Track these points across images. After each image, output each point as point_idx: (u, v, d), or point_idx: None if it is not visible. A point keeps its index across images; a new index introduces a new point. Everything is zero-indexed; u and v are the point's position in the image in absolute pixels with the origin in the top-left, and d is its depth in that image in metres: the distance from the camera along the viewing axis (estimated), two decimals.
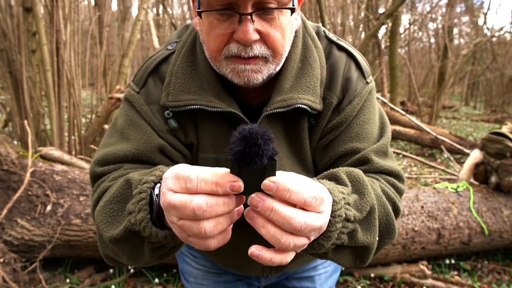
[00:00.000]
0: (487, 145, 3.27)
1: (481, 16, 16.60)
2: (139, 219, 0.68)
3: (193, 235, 0.60)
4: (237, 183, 0.57)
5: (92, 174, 0.92)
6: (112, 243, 0.74)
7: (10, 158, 2.64)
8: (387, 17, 7.40)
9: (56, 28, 3.71)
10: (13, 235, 2.53)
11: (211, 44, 0.82)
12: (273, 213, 0.58)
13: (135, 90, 0.95)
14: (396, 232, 0.86)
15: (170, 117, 0.91)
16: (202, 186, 0.56)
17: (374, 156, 0.92)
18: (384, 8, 11.91)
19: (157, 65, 0.96)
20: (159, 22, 15.83)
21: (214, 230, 0.58)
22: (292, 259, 1.09)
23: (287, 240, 0.60)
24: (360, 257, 0.80)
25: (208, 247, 0.61)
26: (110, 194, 0.78)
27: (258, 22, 0.78)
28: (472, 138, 8.87)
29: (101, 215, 0.78)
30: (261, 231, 0.60)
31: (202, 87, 0.90)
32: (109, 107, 4.08)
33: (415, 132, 7.24)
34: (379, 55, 11.48)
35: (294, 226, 0.58)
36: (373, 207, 0.77)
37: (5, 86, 4.37)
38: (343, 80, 0.94)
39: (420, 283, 2.85)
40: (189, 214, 0.56)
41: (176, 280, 2.80)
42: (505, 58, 17.03)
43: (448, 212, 3.01)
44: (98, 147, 0.98)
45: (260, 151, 0.55)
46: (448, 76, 11.22)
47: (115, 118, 0.99)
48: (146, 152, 0.90)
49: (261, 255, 0.61)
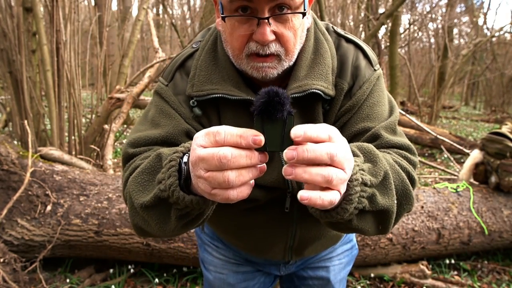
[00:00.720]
0: (487, 145, 3.27)
1: (481, 16, 16.60)
2: (168, 183, 0.76)
3: (217, 185, 0.65)
4: (259, 137, 0.63)
5: (124, 155, 1.02)
6: (143, 210, 0.82)
7: (10, 158, 2.64)
8: (387, 17, 7.40)
9: (56, 28, 3.71)
10: (13, 235, 2.53)
11: (234, 43, 0.94)
12: (309, 151, 0.62)
13: (164, 84, 1.07)
14: (414, 198, 0.91)
15: (195, 105, 1.02)
16: (228, 138, 0.63)
17: (383, 132, 1.00)
18: (384, 8, 11.91)
19: (184, 61, 1.09)
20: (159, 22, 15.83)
21: (236, 180, 0.64)
22: (312, 240, 1.20)
23: (329, 172, 0.63)
24: (382, 222, 0.85)
25: (229, 197, 0.66)
26: (142, 166, 0.87)
27: (274, 24, 0.89)
28: (472, 138, 8.87)
29: (133, 185, 0.86)
30: (303, 178, 0.63)
31: (223, 78, 1.01)
32: (109, 107, 4.08)
33: (415, 132, 7.24)
34: (379, 55, 11.47)
35: (330, 154, 0.63)
36: (387, 172, 0.82)
37: (5, 86, 4.37)
38: (353, 68, 1.04)
39: (420, 283, 2.86)
40: (216, 164, 0.63)
41: (176, 280, 2.80)
42: (505, 58, 17.04)
43: (448, 212, 3.01)
44: (130, 133, 1.09)
45: (281, 101, 0.62)
46: (448, 76, 11.22)
47: (146, 109, 1.11)
48: (175, 135, 0.99)
49: (310, 196, 0.64)
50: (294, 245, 1.18)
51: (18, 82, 3.89)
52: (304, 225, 1.14)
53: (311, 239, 1.19)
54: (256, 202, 1.05)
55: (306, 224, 1.14)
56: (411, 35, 15.44)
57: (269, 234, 1.18)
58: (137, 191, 0.85)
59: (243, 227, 1.18)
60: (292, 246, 1.19)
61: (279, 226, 1.14)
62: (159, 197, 0.79)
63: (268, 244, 1.20)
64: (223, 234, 1.31)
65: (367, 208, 0.79)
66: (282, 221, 1.13)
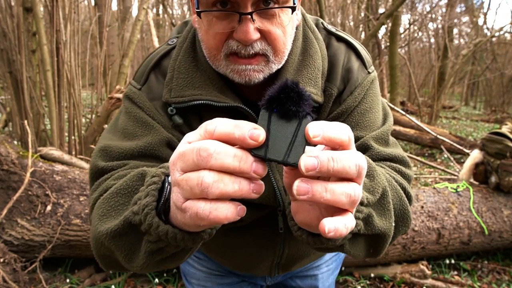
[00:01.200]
0: (487, 145, 3.27)
1: (481, 16, 16.61)
2: (143, 203, 0.59)
3: (189, 194, 0.48)
4: (258, 131, 0.46)
5: (93, 168, 0.84)
6: (108, 239, 0.65)
7: (10, 158, 2.64)
8: (387, 17, 7.40)
9: (56, 28, 3.71)
10: (13, 235, 2.53)
11: (210, 42, 0.80)
12: (336, 161, 0.47)
13: (137, 87, 0.92)
14: (411, 219, 0.80)
15: (174, 113, 0.87)
16: (219, 127, 0.47)
17: (373, 143, 0.88)
18: (384, 8, 11.91)
19: (159, 60, 0.94)
20: (159, 22, 15.83)
21: (213, 186, 0.46)
22: (301, 257, 1.09)
23: (355, 190, 0.49)
24: (376, 246, 0.73)
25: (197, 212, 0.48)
26: (117, 186, 0.71)
27: (259, 20, 0.77)
28: (472, 138, 8.87)
29: (103, 208, 0.69)
30: (324, 199, 0.47)
31: (206, 82, 0.87)
32: (109, 107, 4.08)
33: (415, 132, 7.24)
34: (379, 55, 11.47)
35: (359, 166, 0.49)
36: (385, 189, 0.70)
37: (5, 86, 4.37)
38: (344, 70, 0.92)
39: (420, 283, 2.85)
40: (193, 159, 0.47)
41: (176, 280, 2.80)
42: (505, 58, 17.03)
43: (448, 212, 3.01)
44: (99, 141, 0.90)
45: (300, 96, 0.48)
46: (448, 76, 11.22)
47: (115, 118, 0.94)
48: (155, 145, 0.84)
49: (337, 227, 0.48)
50: (281, 262, 1.09)
51: (18, 82, 3.88)
52: (293, 243, 1.04)
53: (299, 257, 1.10)
54: (241, 222, 0.81)
55: (295, 242, 1.04)
56: (411, 35, 15.44)
57: (255, 253, 1.07)
58: (105, 216, 0.68)
59: (227, 246, 1.07)
60: (279, 262, 1.09)
61: (267, 246, 1.04)
62: (130, 222, 0.62)
63: (254, 262, 1.10)
64: (206, 251, 1.20)
65: (362, 231, 0.66)
66: (270, 240, 1.02)
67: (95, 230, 0.69)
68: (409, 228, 0.80)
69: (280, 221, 0.96)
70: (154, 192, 0.59)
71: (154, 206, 0.58)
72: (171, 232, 0.57)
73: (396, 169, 0.87)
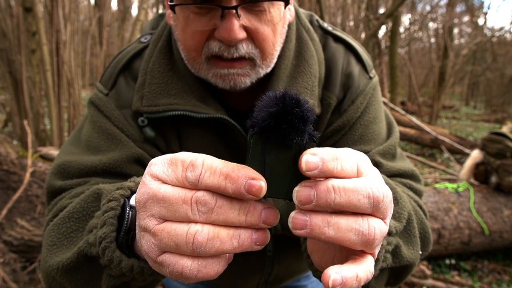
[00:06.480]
0: (487, 145, 3.27)
1: (481, 16, 16.62)
2: (100, 235, 0.49)
3: (172, 247, 0.38)
4: (257, 182, 0.37)
5: (49, 188, 0.73)
6: (59, 273, 0.55)
7: (10, 158, 2.63)
8: (387, 17, 7.39)
9: (56, 28, 3.71)
10: (13, 235, 2.53)
11: (188, 43, 0.69)
12: (338, 192, 0.37)
13: (103, 93, 0.78)
14: (432, 242, 0.70)
15: (145, 124, 0.74)
16: (206, 178, 0.37)
17: (381, 159, 0.78)
18: (384, 8, 11.91)
19: (129, 60, 0.81)
20: None
21: (206, 245, 0.37)
22: (290, 275, 1.00)
23: (370, 226, 0.39)
24: (399, 276, 0.63)
25: (182, 272, 0.38)
26: (69, 209, 0.60)
27: (245, 16, 0.65)
28: (472, 138, 8.86)
29: (53, 236, 0.59)
30: (327, 234, 0.38)
31: (184, 89, 0.74)
32: None
33: (415, 132, 7.24)
34: (379, 55, 11.47)
35: (375, 197, 0.39)
36: (410, 213, 0.61)
37: (5, 86, 4.37)
38: (343, 76, 0.81)
39: (420, 283, 2.85)
40: (187, 212, 0.38)
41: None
42: (505, 58, 17.02)
43: (448, 212, 3.01)
44: (57, 156, 0.78)
45: (302, 116, 0.38)
46: (448, 76, 11.22)
47: (79, 126, 0.82)
48: (121, 162, 0.72)
49: (345, 280, 0.38)
50: (269, 279, 1.00)
51: (18, 82, 3.89)
52: (282, 264, 0.95)
53: (289, 275, 1.02)
54: None
55: (285, 263, 0.96)
56: (411, 35, 15.44)
57: (242, 274, 0.97)
58: (55, 246, 0.57)
59: None
60: (267, 280, 1.00)
61: (254, 268, 0.95)
62: (85, 255, 0.53)
63: (240, 281, 1.00)
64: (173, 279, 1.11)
65: (389, 265, 0.57)
66: (258, 261, 0.92)
67: (45, 264, 0.58)
68: (428, 252, 0.70)
69: (269, 244, 0.85)
70: (112, 220, 0.49)
71: (113, 237, 0.49)
72: (136, 267, 0.48)
73: (407, 185, 0.78)
